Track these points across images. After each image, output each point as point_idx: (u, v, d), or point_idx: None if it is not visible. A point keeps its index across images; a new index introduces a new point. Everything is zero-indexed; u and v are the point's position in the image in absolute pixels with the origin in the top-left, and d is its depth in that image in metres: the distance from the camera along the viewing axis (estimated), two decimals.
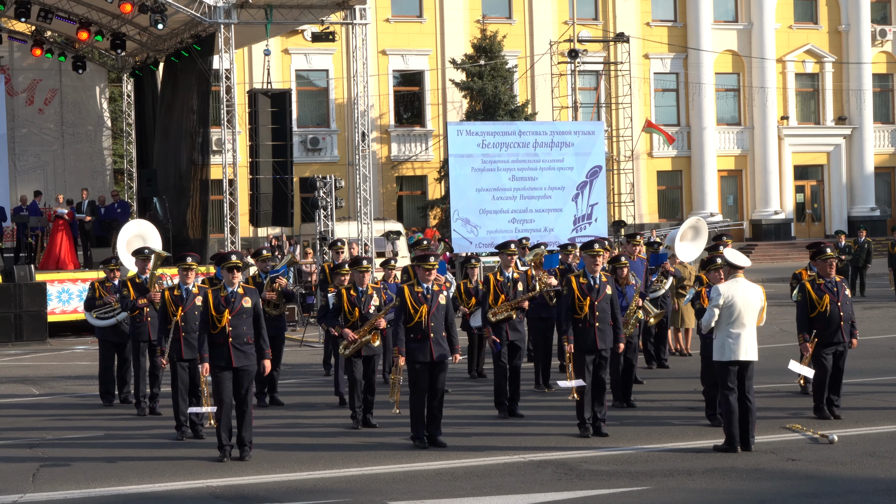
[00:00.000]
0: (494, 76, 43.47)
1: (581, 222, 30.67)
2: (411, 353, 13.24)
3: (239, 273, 12.98)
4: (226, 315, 12.71)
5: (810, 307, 14.37)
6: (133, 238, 17.51)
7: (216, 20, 28.17)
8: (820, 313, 14.30)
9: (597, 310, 13.67)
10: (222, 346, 12.71)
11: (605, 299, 13.75)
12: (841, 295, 14.35)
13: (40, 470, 12.39)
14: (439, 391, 13.38)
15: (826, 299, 14.28)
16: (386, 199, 45.08)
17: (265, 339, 12.96)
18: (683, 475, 11.54)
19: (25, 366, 22.43)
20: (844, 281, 14.71)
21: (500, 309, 15.39)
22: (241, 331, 12.76)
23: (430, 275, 13.37)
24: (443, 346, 13.32)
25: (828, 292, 14.32)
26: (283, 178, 29.19)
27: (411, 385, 13.33)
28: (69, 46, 35.31)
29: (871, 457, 12.21)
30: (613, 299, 13.86)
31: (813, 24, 51.17)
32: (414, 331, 13.24)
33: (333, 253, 19.88)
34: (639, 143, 47.73)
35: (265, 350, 12.95)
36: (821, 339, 14.32)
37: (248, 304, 12.86)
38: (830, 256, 14.41)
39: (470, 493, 10.98)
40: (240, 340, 12.74)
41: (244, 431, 12.79)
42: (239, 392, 12.81)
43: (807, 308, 14.41)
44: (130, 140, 37.20)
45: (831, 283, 14.39)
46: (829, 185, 51.44)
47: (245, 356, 12.78)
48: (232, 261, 12.90)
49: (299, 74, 44.70)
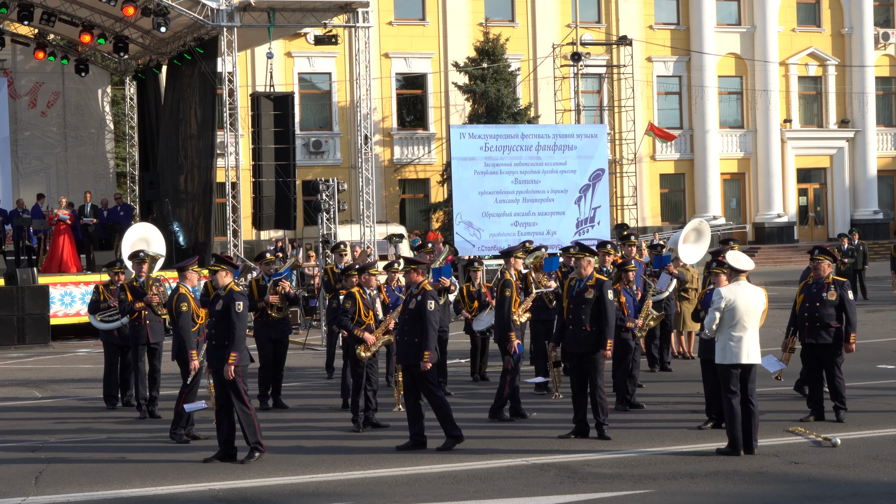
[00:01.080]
0: (497, 79, 43.48)
1: (584, 225, 30.68)
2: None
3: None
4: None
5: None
6: (137, 241, 17.54)
7: (219, 23, 28.20)
8: (794, 312, 14.84)
9: (570, 312, 13.72)
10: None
11: (584, 302, 13.68)
12: (815, 295, 14.54)
13: (43, 473, 12.39)
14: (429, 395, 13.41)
15: (800, 299, 14.69)
16: (388, 202, 45.08)
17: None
18: (686, 478, 11.53)
19: (28, 369, 22.43)
20: (837, 284, 14.66)
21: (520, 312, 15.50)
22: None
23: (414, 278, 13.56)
24: (407, 351, 13.38)
25: (804, 292, 14.66)
26: (286, 182, 29.20)
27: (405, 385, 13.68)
28: (72, 49, 35.34)
29: (874, 460, 12.20)
30: (602, 304, 13.65)
31: (816, 27, 51.16)
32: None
33: (336, 256, 19.88)
34: (641, 146, 47.73)
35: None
36: (800, 339, 14.80)
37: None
38: (816, 258, 14.66)
39: (472, 497, 10.97)
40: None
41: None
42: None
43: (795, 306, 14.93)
44: (133, 143, 37.23)
45: (818, 284, 14.59)
46: (831, 189, 51.43)
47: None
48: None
49: (302, 77, 44.71)
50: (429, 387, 13.28)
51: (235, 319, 12.77)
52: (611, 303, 13.76)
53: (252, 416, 12.87)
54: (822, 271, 14.64)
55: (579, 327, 13.67)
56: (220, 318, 12.86)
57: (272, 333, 16.90)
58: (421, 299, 13.39)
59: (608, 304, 13.68)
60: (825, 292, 14.54)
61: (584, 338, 13.65)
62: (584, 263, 13.85)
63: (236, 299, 12.86)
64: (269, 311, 16.84)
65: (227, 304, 12.84)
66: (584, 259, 13.89)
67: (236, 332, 12.76)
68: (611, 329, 13.70)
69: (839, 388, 14.46)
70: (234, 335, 12.75)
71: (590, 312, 13.64)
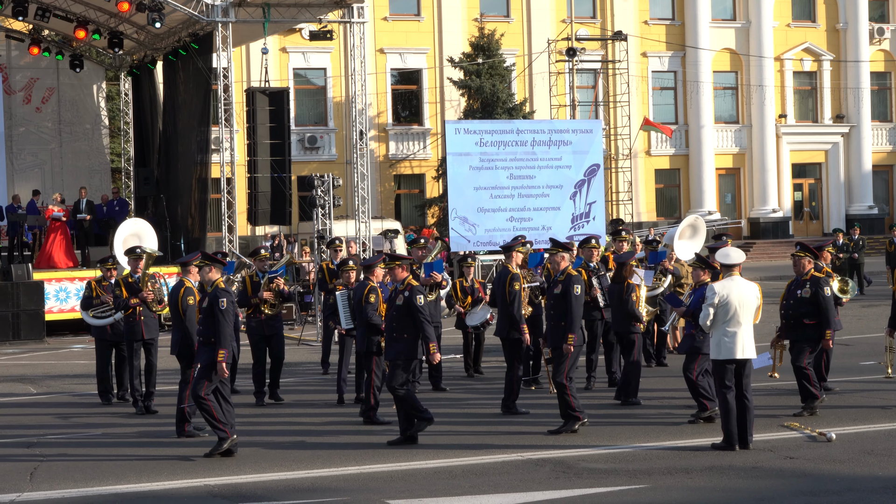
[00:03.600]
0: (492, 74, 43.47)
1: (579, 221, 30.64)
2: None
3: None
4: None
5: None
6: (129, 237, 17.50)
7: (214, 19, 28.17)
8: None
9: (546, 308, 13.90)
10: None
11: (553, 297, 13.90)
12: (791, 292, 14.69)
13: (38, 469, 12.38)
14: (392, 390, 13.36)
15: (782, 296, 14.89)
16: (384, 197, 45.06)
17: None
18: (681, 473, 11.54)
19: (23, 364, 22.42)
20: (821, 279, 14.69)
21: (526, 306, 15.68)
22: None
23: (398, 274, 13.51)
24: (395, 346, 13.37)
25: (786, 289, 14.89)
26: (281, 177, 29.18)
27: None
28: (66, 45, 35.28)
29: (868, 455, 12.22)
30: (571, 299, 13.72)
31: (811, 22, 51.17)
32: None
33: (331, 251, 19.87)
34: (637, 141, 47.72)
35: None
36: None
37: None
38: (797, 254, 14.77)
39: (468, 492, 10.97)
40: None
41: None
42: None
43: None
44: (128, 139, 37.18)
45: (796, 281, 14.75)
46: (827, 184, 51.45)
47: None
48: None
49: (297, 73, 44.69)
50: (392, 383, 13.39)
51: (220, 316, 12.82)
52: (577, 298, 13.82)
53: (210, 406, 12.82)
54: (802, 268, 14.68)
55: (553, 321, 13.96)
56: (207, 315, 12.94)
57: (264, 330, 16.89)
58: (409, 295, 13.42)
59: (573, 299, 13.75)
60: (801, 289, 14.60)
61: (555, 332, 13.84)
62: (557, 259, 14.06)
63: (219, 296, 12.89)
64: (263, 308, 16.83)
65: (212, 301, 12.92)
66: (557, 255, 14.05)
67: (222, 329, 12.79)
68: (573, 324, 13.75)
69: (806, 382, 14.43)
70: (221, 332, 12.80)
71: (559, 307, 13.80)
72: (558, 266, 14.00)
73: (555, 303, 13.89)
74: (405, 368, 13.38)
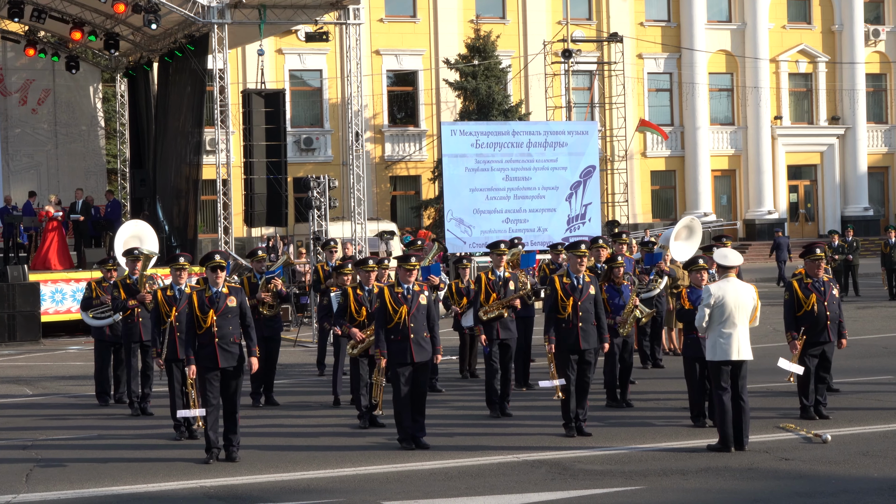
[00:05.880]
0: (488, 76, 43.48)
1: (575, 222, 30.69)
2: (392, 356, 13.24)
3: (223, 272, 12.90)
4: (210, 315, 12.63)
5: (797, 306, 14.41)
6: (130, 238, 17.51)
7: (210, 20, 28.16)
8: (807, 312, 14.33)
9: (580, 310, 13.67)
10: (208, 346, 12.64)
11: (589, 299, 13.76)
12: (828, 294, 14.38)
13: (34, 470, 12.38)
14: (421, 393, 13.30)
15: (812, 298, 14.31)
16: (380, 199, 45.06)
17: (252, 337, 12.91)
18: (677, 475, 11.55)
19: (19, 366, 22.41)
20: (832, 281, 14.71)
21: (491, 308, 15.39)
22: (227, 331, 12.67)
23: (411, 275, 13.39)
24: (424, 347, 13.30)
25: (815, 291, 14.35)
26: (277, 179, 29.18)
27: (393, 387, 13.30)
28: (62, 46, 35.27)
29: (864, 456, 12.23)
30: (598, 300, 13.85)
31: (806, 24, 51.22)
32: (394, 332, 13.24)
33: (327, 253, 19.87)
34: (632, 142, 47.76)
35: (252, 347, 12.90)
36: (808, 339, 14.34)
37: (233, 304, 12.77)
38: (818, 257, 14.45)
39: (464, 493, 10.98)
40: (226, 340, 12.64)
41: (231, 433, 12.75)
42: (226, 392, 12.76)
43: (794, 307, 14.43)
44: (124, 140, 37.16)
45: (818, 282, 14.41)
46: (822, 185, 51.49)
47: (231, 356, 12.70)
48: (215, 260, 12.83)
49: (293, 74, 44.68)
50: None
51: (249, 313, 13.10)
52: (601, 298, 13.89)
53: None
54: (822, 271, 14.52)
55: (588, 324, 13.82)
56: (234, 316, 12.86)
57: (263, 331, 16.85)
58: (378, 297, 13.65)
59: (601, 299, 13.90)
60: (833, 290, 14.55)
61: (594, 334, 13.85)
62: (585, 261, 14.03)
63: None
64: (261, 309, 16.81)
65: (241, 301, 12.99)
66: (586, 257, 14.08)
67: (252, 327, 13.07)
68: (604, 324, 13.91)
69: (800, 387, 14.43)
70: (252, 331, 13.04)
71: (594, 309, 13.92)
72: (580, 267, 13.89)
73: (584, 303, 13.73)
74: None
